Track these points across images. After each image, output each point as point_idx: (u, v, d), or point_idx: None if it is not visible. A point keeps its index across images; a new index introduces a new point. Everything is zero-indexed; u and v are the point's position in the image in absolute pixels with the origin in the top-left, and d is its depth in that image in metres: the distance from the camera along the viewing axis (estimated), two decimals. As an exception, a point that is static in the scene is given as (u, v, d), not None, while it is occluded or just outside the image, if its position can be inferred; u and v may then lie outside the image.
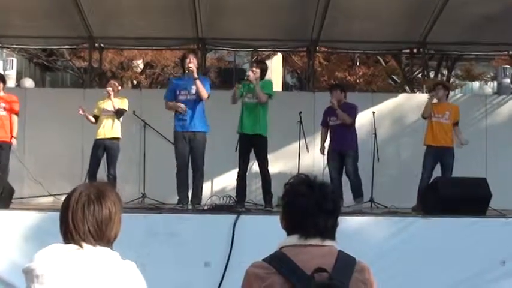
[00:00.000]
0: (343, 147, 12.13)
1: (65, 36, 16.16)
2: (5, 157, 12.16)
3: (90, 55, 17.05)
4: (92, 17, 14.95)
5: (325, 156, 12.39)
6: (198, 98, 11.00)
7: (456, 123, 12.34)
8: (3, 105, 12.19)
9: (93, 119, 12.46)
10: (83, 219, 3.14)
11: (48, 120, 14.03)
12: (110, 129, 12.30)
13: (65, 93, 18.40)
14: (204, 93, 10.93)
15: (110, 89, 12.28)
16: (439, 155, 12.19)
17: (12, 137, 12.13)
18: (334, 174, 12.02)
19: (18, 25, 15.13)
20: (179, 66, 11.80)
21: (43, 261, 3.08)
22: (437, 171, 12.25)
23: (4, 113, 12.17)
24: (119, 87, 12.68)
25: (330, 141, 12.33)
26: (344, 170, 12.09)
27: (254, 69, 11.32)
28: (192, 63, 10.95)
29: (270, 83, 11.95)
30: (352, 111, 12.22)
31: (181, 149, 11.07)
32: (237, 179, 11.41)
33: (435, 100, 12.48)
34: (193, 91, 10.99)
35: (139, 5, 14.39)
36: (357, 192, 11.95)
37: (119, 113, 12.26)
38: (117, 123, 12.37)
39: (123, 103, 12.39)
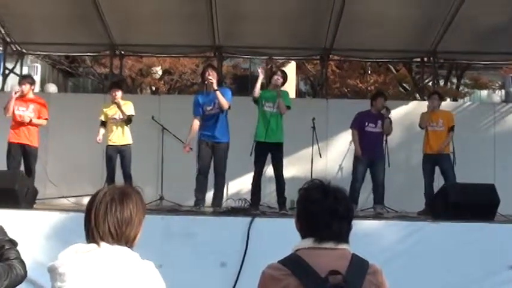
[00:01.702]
0: (375, 154, 12.09)
1: (87, 44, 16.23)
2: (33, 161, 12.23)
3: (111, 62, 17.09)
4: (113, 25, 15.01)
5: (341, 162, 12.35)
6: (221, 110, 11.08)
7: (451, 129, 12.41)
8: (32, 106, 12.25)
9: (103, 131, 12.48)
10: (104, 218, 3.16)
11: (70, 124, 14.08)
12: (121, 136, 12.34)
13: (87, 98, 18.49)
14: (225, 103, 11.02)
15: (116, 94, 12.27)
16: (435, 162, 12.26)
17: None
18: (360, 179, 11.98)
19: (42, 33, 15.22)
20: (201, 80, 11.81)
21: (65, 260, 3.10)
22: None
23: (32, 114, 12.23)
24: (120, 93, 12.63)
25: (362, 146, 12.22)
26: (371, 175, 12.07)
27: (279, 77, 11.48)
28: (211, 75, 11.07)
29: (287, 94, 12.09)
30: (391, 121, 12.26)
31: (204, 154, 11.15)
32: (252, 183, 11.44)
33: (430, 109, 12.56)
34: (217, 104, 11.08)
35: (159, 13, 14.43)
36: (381, 199, 11.94)
37: (129, 120, 12.28)
38: (127, 129, 12.39)
39: (129, 108, 12.37)
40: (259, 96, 11.45)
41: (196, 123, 11.29)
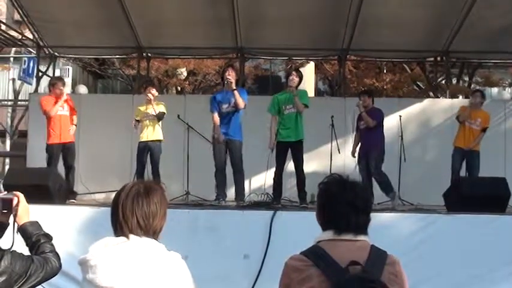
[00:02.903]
0: (368, 149, 12.11)
1: (115, 47, 16.33)
2: (71, 157, 12.28)
3: (138, 64, 17.13)
4: (140, 29, 15.07)
5: (356, 158, 12.39)
6: (236, 109, 11.07)
7: (484, 130, 12.30)
8: (66, 106, 12.32)
9: (138, 125, 12.54)
10: (132, 211, 3.19)
11: (100, 123, 14.15)
12: (152, 132, 12.37)
13: (115, 99, 18.55)
14: (241, 102, 11.04)
15: (150, 95, 12.32)
16: (465, 156, 12.20)
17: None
18: (363, 174, 11.99)
19: (73, 37, 15.32)
20: (221, 79, 11.85)
21: (96, 253, 3.12)
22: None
23: (68, 113, 12.29)
24: (156, 93, 12.69)
25: (360, 143, 12.32)
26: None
27: (294, 77, 11.41)
28: (231, 75, 11.11)
29: (305, 93, 12.13)
30: (376, 115, 12.18)
31: (219, 152, 11.20)
32: (274, 178, 11.45)
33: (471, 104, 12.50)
34: (233, 103, 11.09)
35: (183, 17, 14.47)
36: (387, 189, 11.89)
37: (159, 116, 12.30)
38: (158, 126, 12.42)
39: (162, 107, 12.42)
40: (278, 103, 11.51)
41: (216, 117, 11.32)
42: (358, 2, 13.67)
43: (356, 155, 12.38)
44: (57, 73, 19.07)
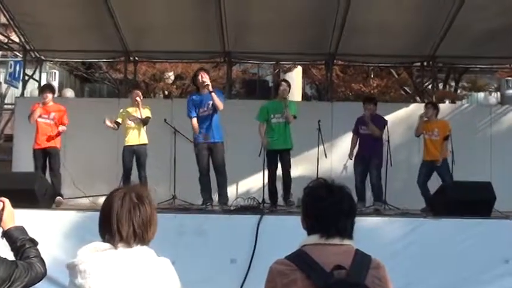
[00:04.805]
0: (369, 154, 12.20)
1: (102, 50, 16.25)
2: (54, 161, 12.29)
3: (125, 68, 17.09)
4: (127, 33, 15.03)
5: (346, 162, 12.42)
6: (214, 111, 11.03)
7: (446, 138, 12.37)
8: (53, 114, 12.32)
9: (116, 127, 12.53)
10: (129, 221, 3.15)
11: (87, 127, 14.08)
12: (137, 136, 12.40)
13: (102, 102, 18.53)
14: (220, 104, 11.00)
15: (138, 98, 12.31)
16: (432, 167, 12.30)
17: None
18: (359, 178, 12.09)
19: (60, 40, 15.24)
20: (192, 83, 11.81)
21: (85, 258, 3.10)
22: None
23: (53, 122, 12.30)
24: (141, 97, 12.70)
25: (358, 147, 12.41)
26: (369, 175, 12.12)
27: (286, 87, 11.74)
28: (205, 78, 11.06)
29: (295, 103, 12.33)
30: (381, 124, 12.36)
31: (202, 157, 11.21)
32: (268, 186, 11.71)
33: (425, 118, 12.55)
34: (210, 105, 11.03)
35: (171, 21, 14.44)
36: (379, 197, 12.01)
37: (145, 121, 12.32)
38: (143, 130, 12.43)
39: (147, 112, 12.42)
40: (267, 112, 11.70)
41: (196, 122, 11.26)
42: (345, 7, 13.68)
43: (353, 157, 12.42)
44: (44, 77, 19.02)
